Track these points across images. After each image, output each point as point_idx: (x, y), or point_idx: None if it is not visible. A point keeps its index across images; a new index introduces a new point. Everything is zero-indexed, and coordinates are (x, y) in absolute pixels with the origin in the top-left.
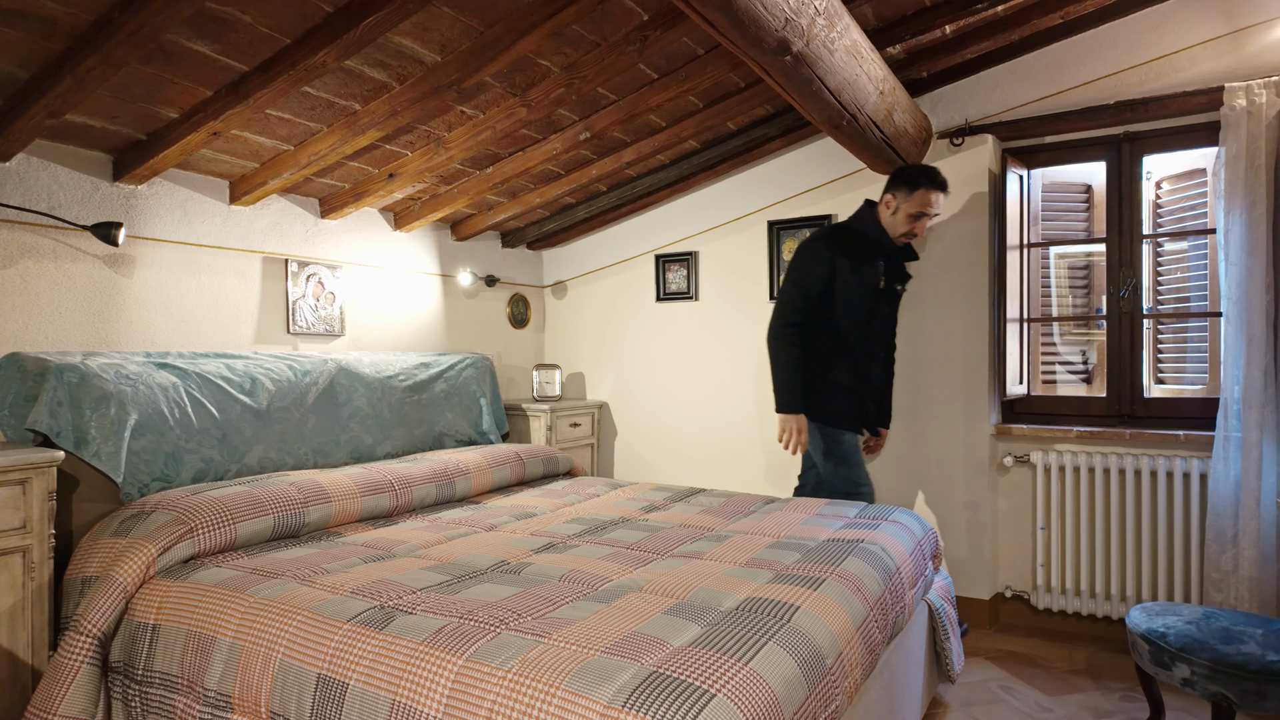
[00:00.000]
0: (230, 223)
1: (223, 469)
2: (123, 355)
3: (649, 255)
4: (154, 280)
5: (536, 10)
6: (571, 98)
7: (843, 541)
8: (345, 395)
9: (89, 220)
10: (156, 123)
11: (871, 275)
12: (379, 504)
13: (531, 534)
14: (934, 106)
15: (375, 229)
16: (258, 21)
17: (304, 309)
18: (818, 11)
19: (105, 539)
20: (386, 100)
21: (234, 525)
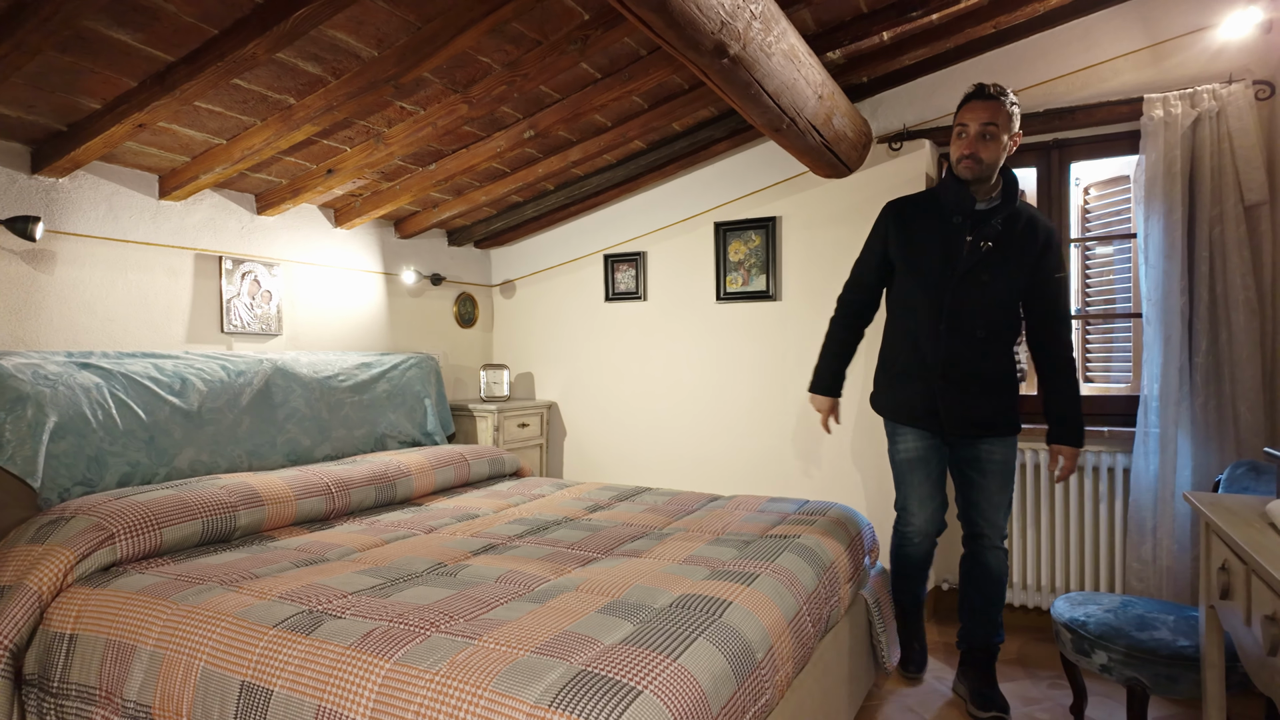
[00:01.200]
0: (160, 218)
1: (150, 472)
2: (42, 355)
3: (598, 255)
4: (77, 277)
5: (474, 6)
6: (514, 95)
7: (779, 538)
8: (282, 396)
9: (3, 214)
10: (78, 113)
11: (946, 238)
12: (315, 507)
13: (472, 535)
14: (874, 111)
15: (315, 226)
16: (182, 11)
17: (239, 307)
18: (754, 15)
19: (20, 546)
20: (322, 95)
21: (159, 530)
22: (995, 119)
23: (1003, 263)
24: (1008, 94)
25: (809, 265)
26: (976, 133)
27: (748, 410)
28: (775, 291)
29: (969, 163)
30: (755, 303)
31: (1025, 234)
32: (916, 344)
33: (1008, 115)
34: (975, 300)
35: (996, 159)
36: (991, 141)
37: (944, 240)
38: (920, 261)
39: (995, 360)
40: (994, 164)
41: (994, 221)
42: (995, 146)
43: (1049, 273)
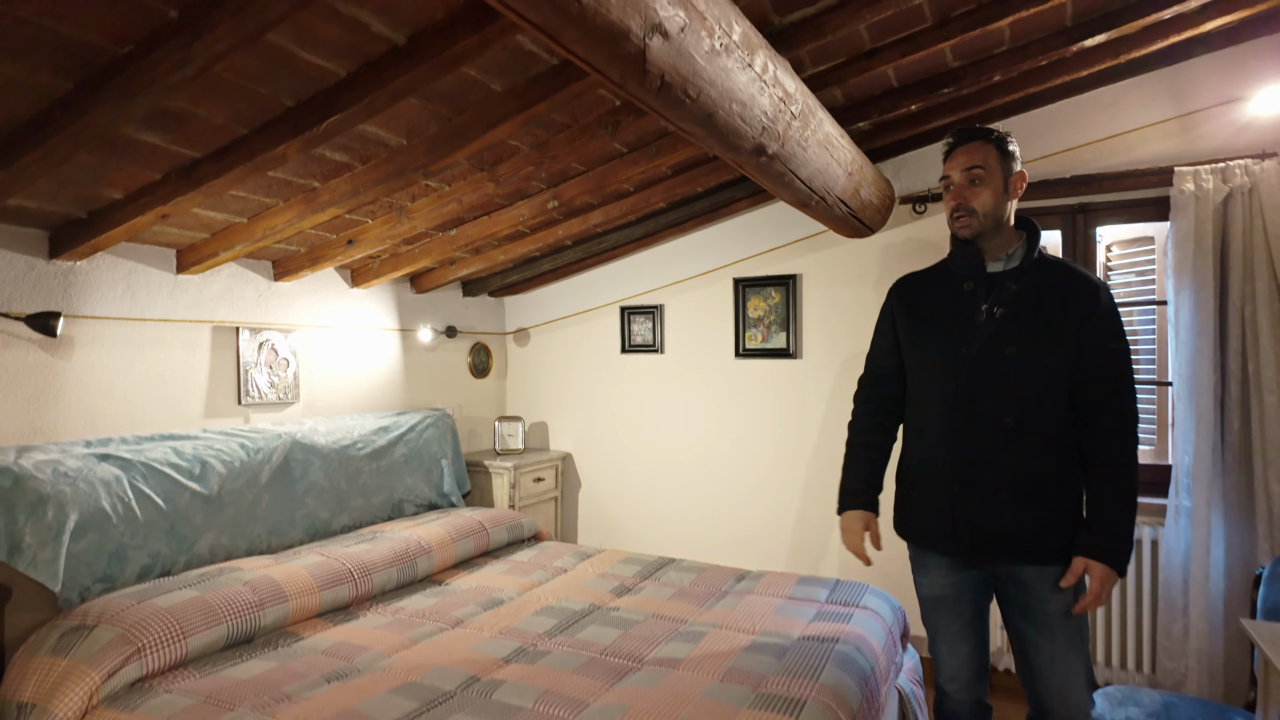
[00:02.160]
0: (178, 292)
1: (170, 562)
2: (61, 447)
3: (614, 306)
4: (95, 360)
5: (508, 101)
6: (541, 174)
7: (818, 640)
8: (300, 470)
9: (24, 304)
10: (98, 202)
11: (957, 311)
12: (338, 596)
13: (500, 633)
14: (896, 172)
15: (331, 288)
16: (212, 115)
17: (256, 378)
18: (793, 116)
19: (41, 657)
20: (348, 179)
21: (185, 640)
22: (980, 160)
23: (1030, 333)
24: (993, 131)
25: (831, 324)
26: (961, 181)
27: (767, 468)
28: (796, 349)
29: (962, 218)
30: (775, 360)
31: (1060, 295)
32: (932, 444)
33: (998, 153)
34: (1000, 381)
35: (993, 206)
36: (981, 187)
37: (955, 314)
38: (929, 341)
39: (1035, 458)
40: (993, 213)
41: (1008, 283)
42: (988, 192)
43: (1098, 343)
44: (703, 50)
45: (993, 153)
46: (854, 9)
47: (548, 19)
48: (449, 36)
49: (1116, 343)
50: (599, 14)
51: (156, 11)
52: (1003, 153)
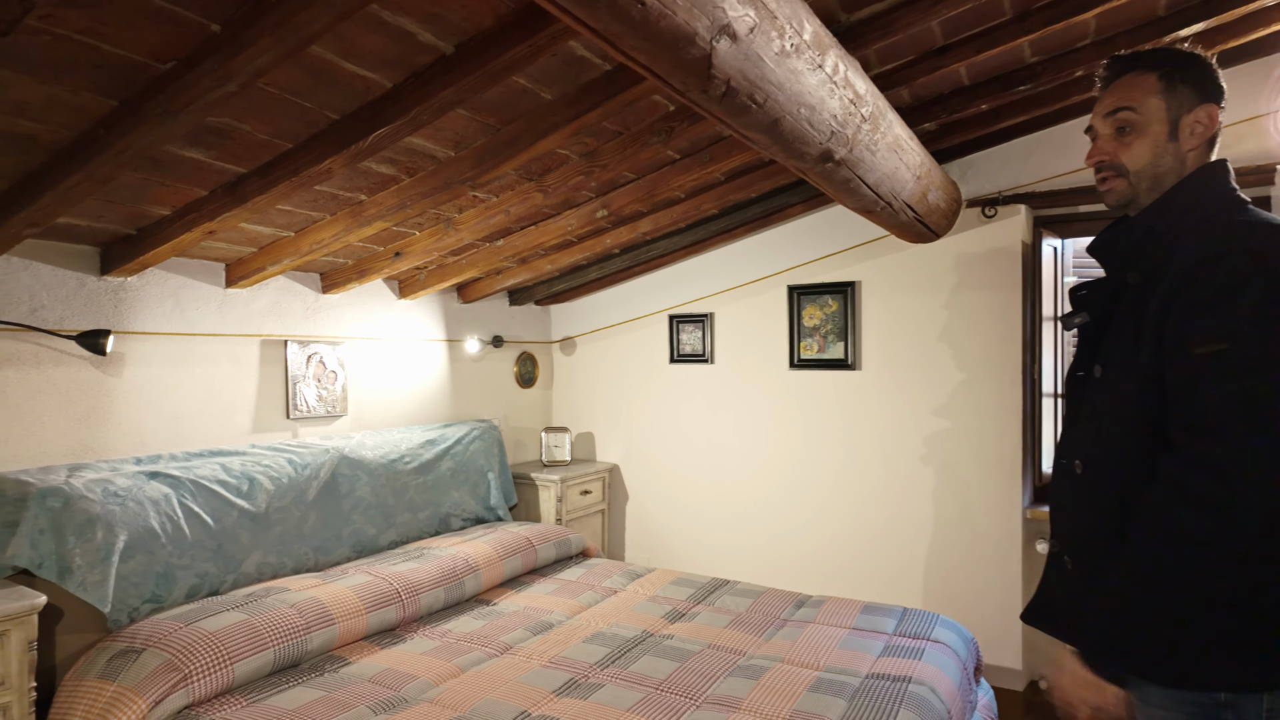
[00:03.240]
0: (226, 307)
1: (218, 581)
2: (111, 465)
3: (662, 314)
4: (144, 377)
5: (559, 111)
6: (590, 184)
7: (888, 679)
8: (347, 486)
9: (76, 321)
10: (146, 219)
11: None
12: (385, 618)
13: (550, 662)
14: (963, 174)
15: (379, 299)
16: (256, 130)
17: (305, 391)
18: (864, 119)
19: (90, 681)
20: (395, 193)
21: (231, 666)
22: (1131, 99)
23: (1121, 340)
24: (1158, 53)
25: (892, 334)
26: (1105, 131)
27: (824, 485)
28: (854, 360)
29: (1106, 178)
30: (832, 371)
31: (1167, 275)
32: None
33: (1161, 85)
34: (1083, 414)
35: (1151, 161)
36: (1134, 135)
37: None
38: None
39: (1105, 517)
40: (1152, 171)
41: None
42: (1144, 142)
43: (1177, 343)
44: (772, 52)
45: (1152, 85)
46: (927, 4)
47: (606, 24)
48: (499, 44)
49: (1206, 345)
50: (664, 16)
51: (197, 26)
52: (1169, 84)
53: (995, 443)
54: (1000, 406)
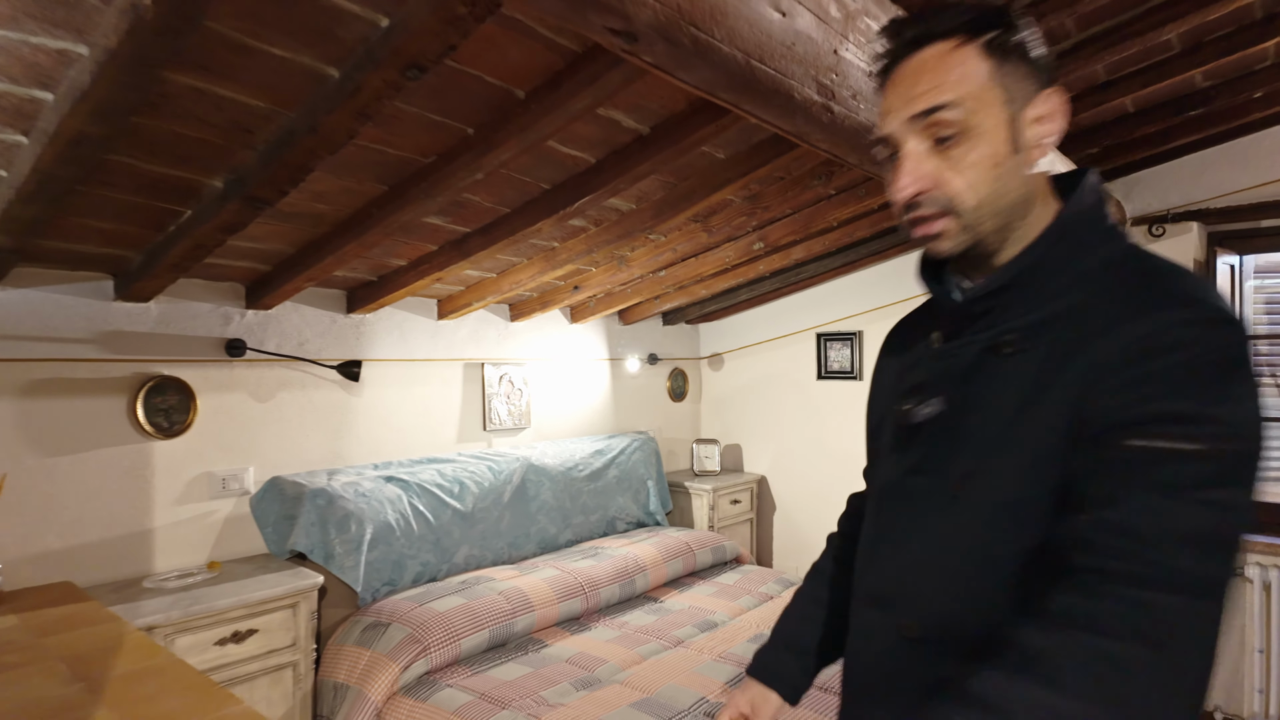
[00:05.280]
0: (437, 336)
1: (436, 569)
2: (357, 470)
3: (809, 333)
4: (378, 396)
5: (731, 168)
6: (751, 223)
7: None
8: (534, 490)
9: (330, 352)
10: (386, 269)
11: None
12: (572, 608)
13: (719, 656)
14: (1128, 192)
15: (554, 325)
16: (484, 200)
17: (498, 406)
18: None
19: (349, 646)
20: (583, 240)
21: (458, 642)
22: (947, 90)
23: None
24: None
25: None
26: (919, 146)
27: None
28: None
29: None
30: None
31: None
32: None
33: (987, 66)
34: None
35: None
36: (964, 146)
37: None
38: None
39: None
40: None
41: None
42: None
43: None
44: None
45: (975, 63)
46: (1091, 51)
47: (800, 127)
48: (688, 126)
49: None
50: (849, 117)
51: (457, 131)
52: (1000, 58)
53: None
54: None
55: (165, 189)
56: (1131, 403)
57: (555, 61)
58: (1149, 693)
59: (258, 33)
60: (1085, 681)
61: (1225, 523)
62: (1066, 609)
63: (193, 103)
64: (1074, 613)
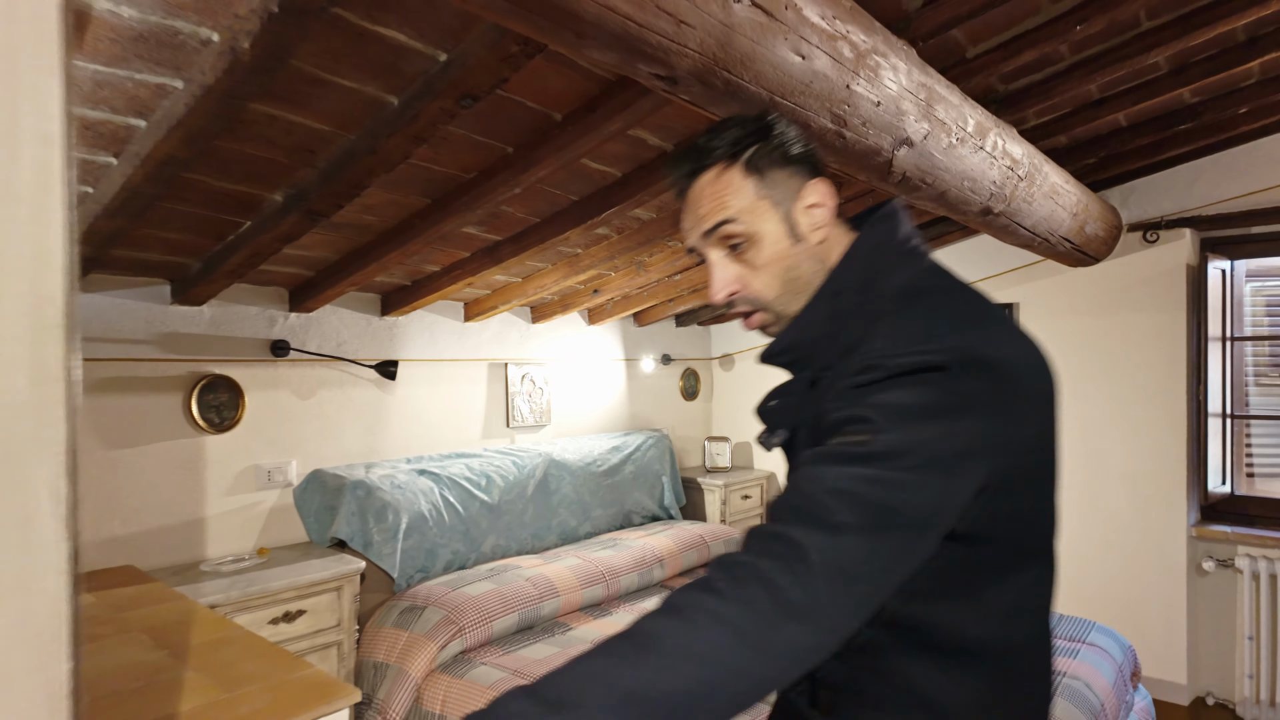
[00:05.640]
0: (464, 337)
1: (465, 558)
2: (391, 464)
3: None
4: (410, 394)
5: None
6: None
7: None
8: (555, 484)
9: (365, 351)
10: (420, 274)
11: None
12: (594, 594)
13: None
14: (1124, 200)
15: (573, 326)
16: (517, 211)
17: (520, 404)
18: (1020, 178)
19: (388, 628)
20: (606, 247)
21: (490, 624)
22: (724, 209)
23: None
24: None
25: (1051, 353)
26: (720, 255)
27: None
28: None
29: (746, 314)
30: None
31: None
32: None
33: (750, 183)
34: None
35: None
36: (753, 250)
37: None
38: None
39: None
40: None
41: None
42: (768, 258)
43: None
44: (941, 148)
45: (740, 182)
46: (1083, 74)
47: None
48: None
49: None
50: (859, 142)
51: (498, 150)
52: (759, 173)
53: (1159, 461)
54: (1165, 425)
55: (230, 203)
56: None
57: (591, 89)
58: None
59: (332, 67)
60: (734, 588)
61: (871, 489)
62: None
63: (265, 127)
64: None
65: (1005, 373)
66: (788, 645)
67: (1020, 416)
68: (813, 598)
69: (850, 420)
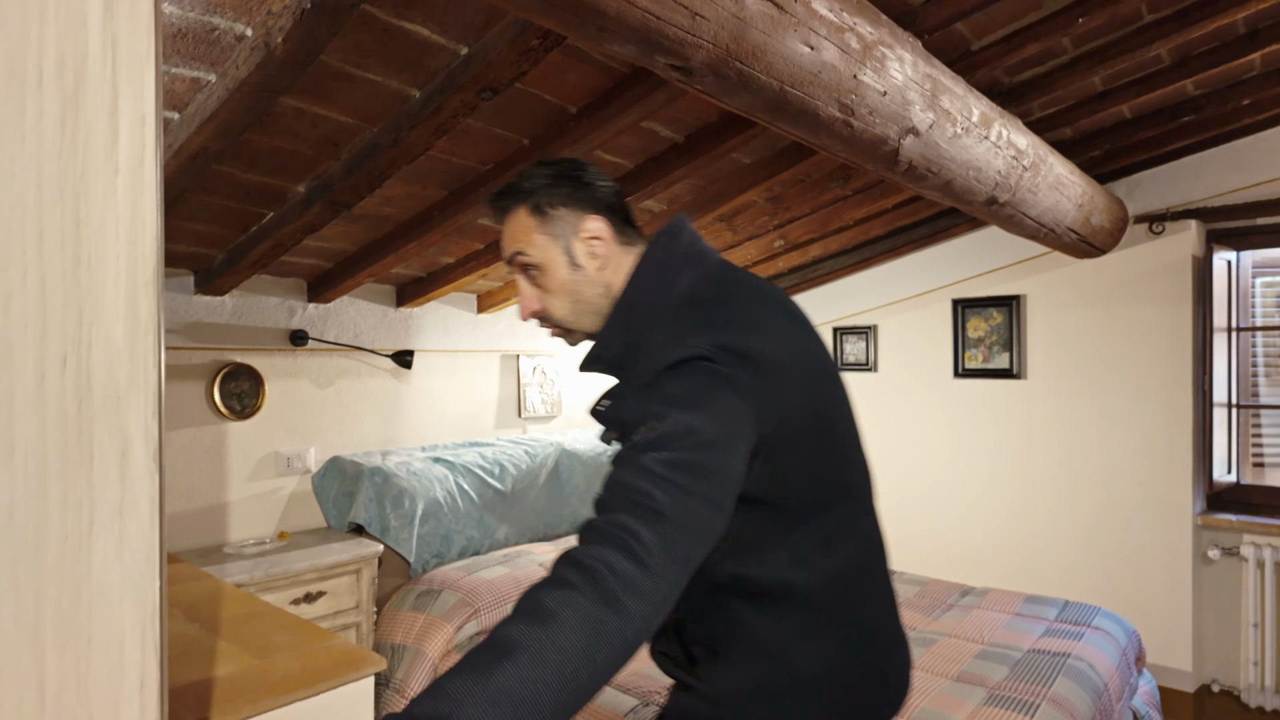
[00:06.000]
0: (478, 329)
1: (479, 545)
2: (408, 452)
3: (826, 327)
4: (425, 384)
5: (756, 171)
6: (773, 222)
7: (1048, 654)
8: (567, 474)
9: (382, 342)
10: (435, 266)
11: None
12: None
13: None
14: (1130, 192)
15: None
16: None
17: (532, 395)
18: (1025, 168)
19: (405, 611)
20: None
21: (505, 606)
22: (518, 242)
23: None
24: (518, 186)
25: (1057, 345)
26: (523, 279)
27: (989, 488)
28: (1019, 370)
29: (551, 331)
30: (997, 380)
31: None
32: None
33: (534, 222)
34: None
35: (573, 303)
36: (542, 278)
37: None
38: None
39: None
40: (579, 310)
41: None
42: (554, 284)
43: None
44: (946, 137)
45: (528, 221)
46: (1086, 67)
47: (824, 141)
48: (719, 136)
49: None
50: (866, 131)
51: (515, 142)
52: (541, 215)
53: (1165, 450)
54: (1170, 415)
55: (256, 195)
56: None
57: (606, 82)
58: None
59: (359, 62)
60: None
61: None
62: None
63: (293, 120)
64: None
65: (762, 358)
66: (639, 612)
67: (781, 390)
68: (649, 570)
69: (643, 416)
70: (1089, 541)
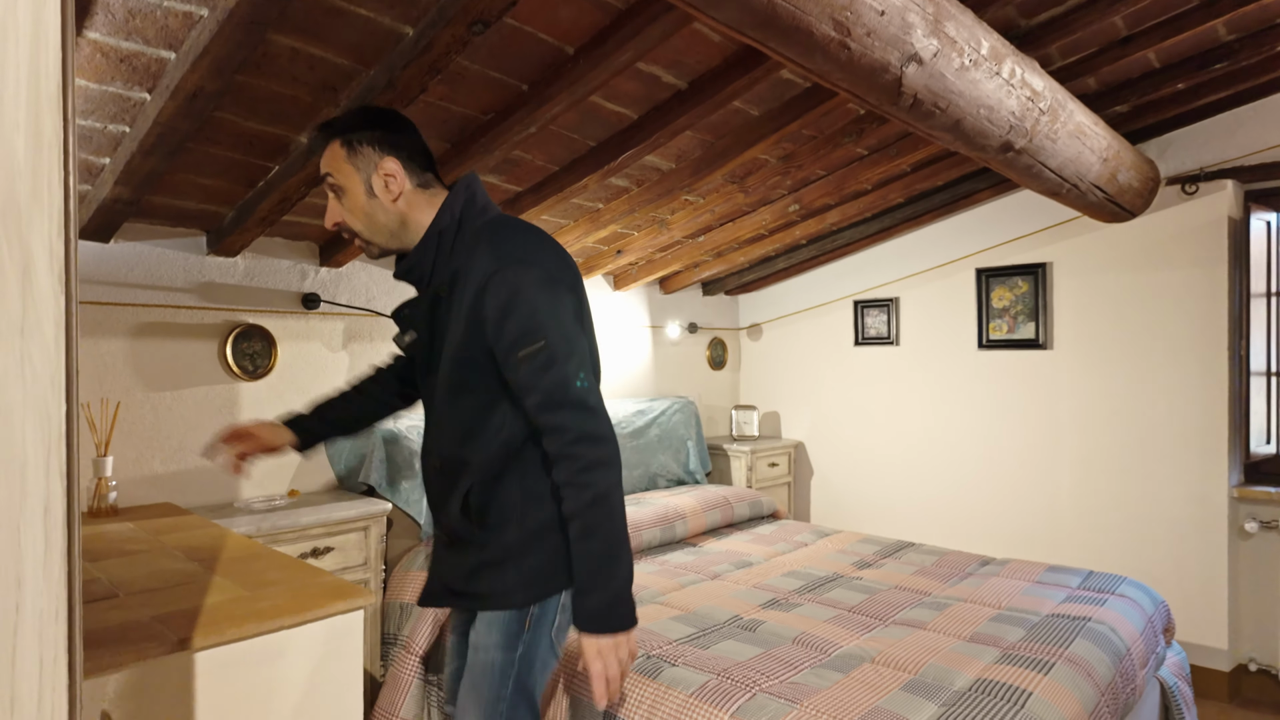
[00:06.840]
0: None
1: None
2: (418, 415)
3: (846, 300)
4: None
5: (764, 124)
6: (786, 183)
7: (1068, 619)
8: None
9: (393, 304)
10: None
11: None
12: None
13: (754, 586)
14: (1161, 152)
15: (599, 291)
16: (536, 158)
17: None
18: (1042, 111)
19: (414, 572)
20: (625, 200)
21: None
22: (329, 167)
23: (451, 345)
24: (339, 122)
25: (1085, 313)
26: (331, 197)
27: (1014, 460)
28: (1046, 340)
29: (350, 238)
30: (1023, 351)
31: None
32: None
33: (345, 152)
34: (433, 418)
35: (367, 221)
36: (345, 198)
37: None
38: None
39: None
40: (372, 226)
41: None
42: (352, 204)
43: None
44: (953, 69)
45: (339, 152)
46: (1105, 5)
47: (819, 65)
48: (723, 80)
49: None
50: (864, 55)
51: (512, 88)
52: (350, 149)
53: (1199, 420)
54: (1205, 384)
55: (260, 145)
56: (509, 333)
57: (601, 19)
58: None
59: None
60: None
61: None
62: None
63: (289, 62)
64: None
65: (559, 264)
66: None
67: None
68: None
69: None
70: (1119, 515)
